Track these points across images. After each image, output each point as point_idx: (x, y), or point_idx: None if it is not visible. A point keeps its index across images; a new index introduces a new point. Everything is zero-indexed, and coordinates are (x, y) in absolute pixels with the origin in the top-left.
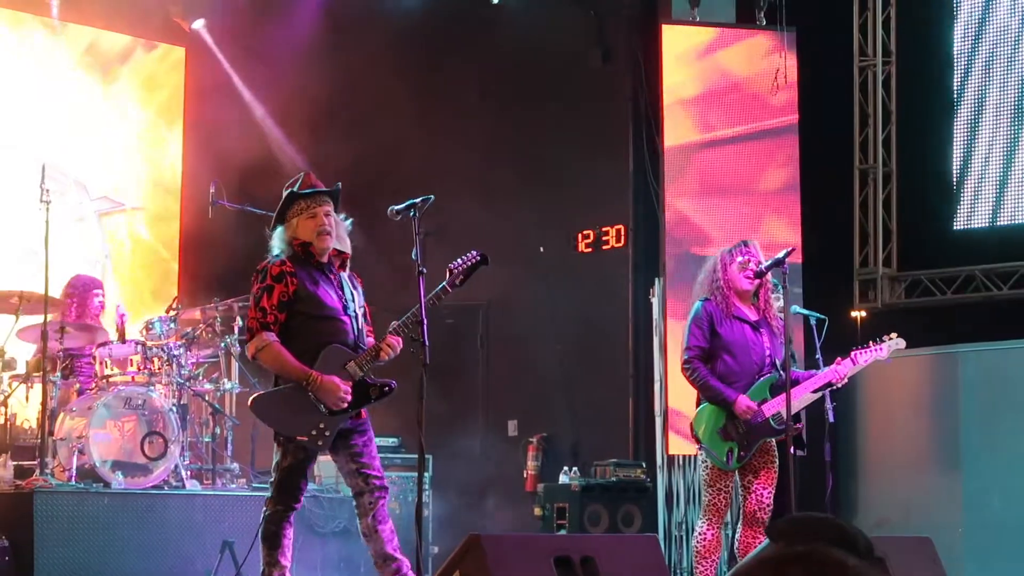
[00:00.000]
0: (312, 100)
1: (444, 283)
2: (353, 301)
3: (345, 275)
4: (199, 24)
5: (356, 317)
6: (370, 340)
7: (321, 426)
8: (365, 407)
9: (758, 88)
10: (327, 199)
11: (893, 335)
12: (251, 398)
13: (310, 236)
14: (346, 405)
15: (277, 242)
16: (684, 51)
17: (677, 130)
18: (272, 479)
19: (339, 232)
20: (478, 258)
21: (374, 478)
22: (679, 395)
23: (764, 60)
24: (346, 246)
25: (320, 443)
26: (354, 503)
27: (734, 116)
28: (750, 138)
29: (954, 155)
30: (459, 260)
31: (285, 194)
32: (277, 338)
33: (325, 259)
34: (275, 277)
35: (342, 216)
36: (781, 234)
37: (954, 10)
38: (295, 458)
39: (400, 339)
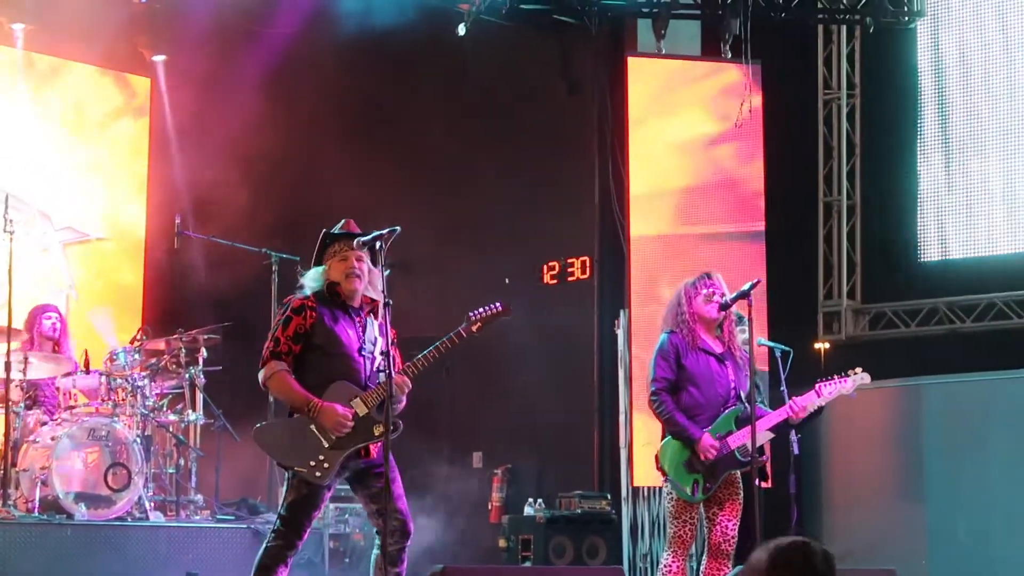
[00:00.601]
0: (275, 130)
1: (459, 328)
2: (373, 344)
3: (374, 321)
4: (161, 58)
5: (370, 359)
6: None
7: (321, 458)
8: (368, 443)
9: (723, 120)
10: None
11: (858, 370)
12: (255, 427)
13: (339, 278)
14: (345, 431)
15: (309, 280)
16: (649, 83)
17: (642, 161)
18: (279, 512)
19: (372, 280)
20: (500, 308)
21: (397, 520)
22: (644, 427)
23: (728, 93)
24: (377, 294)
25: (319, 475)
26: (376, 542)
27: (699, 148)
28: (715, 170)
29: (919, 188)
30: (481, 308)
31: (322, 235)
32: (287, 368)
33: (355, 302)
34: (295, 310)
35: (381, 266)
36: (745, 266)
37: (918, 43)
38: (298, 493)
39: (407, 379)
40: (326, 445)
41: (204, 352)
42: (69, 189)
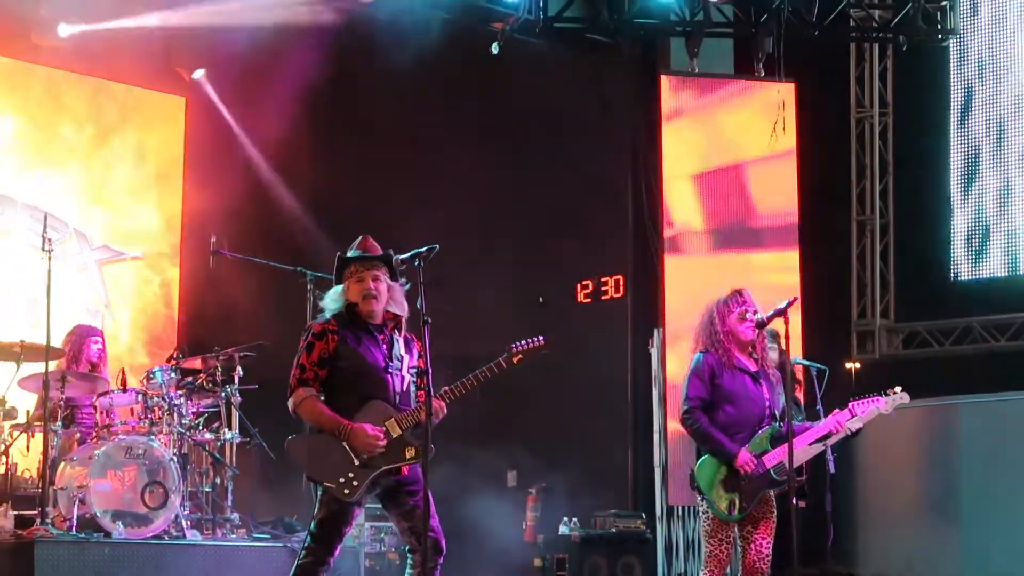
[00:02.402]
0: (312, 150)
1: (500, 358)
2: (400, 361)
3: (399, 336)
4: (199, 74)
5: (398, 376)
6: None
7: (351, 475)
8: (400, 464)
9: (756, 139)
10: (379, 264)
11: (897, 389)
12: (288, 439)
13: (357, 299)
14: (378, 452)
15: (329, 302)
16: (683, 101)
17: (676, 181)
18: (309, 529)
19: (394, 296)
20: (541, 342)
21: (430, 539)
22: (679, 446)
23: (762, 111)
24: (402, 309)
25: (347, 492)
26: (409, 560)
27: (733, 167)
28: (749, 188)
29: (952, 206)
30: (523, 341)
31: (337, 257)
32: (316, 393)
33: (376, 320)
34: (316, 335)
35: (402, 280)
36: (779, 284)
37: (950, 61)
38: (329, 510)
39: (444, 403)
40: (356, 463)
41: (240, 371)
42: (105, 208)
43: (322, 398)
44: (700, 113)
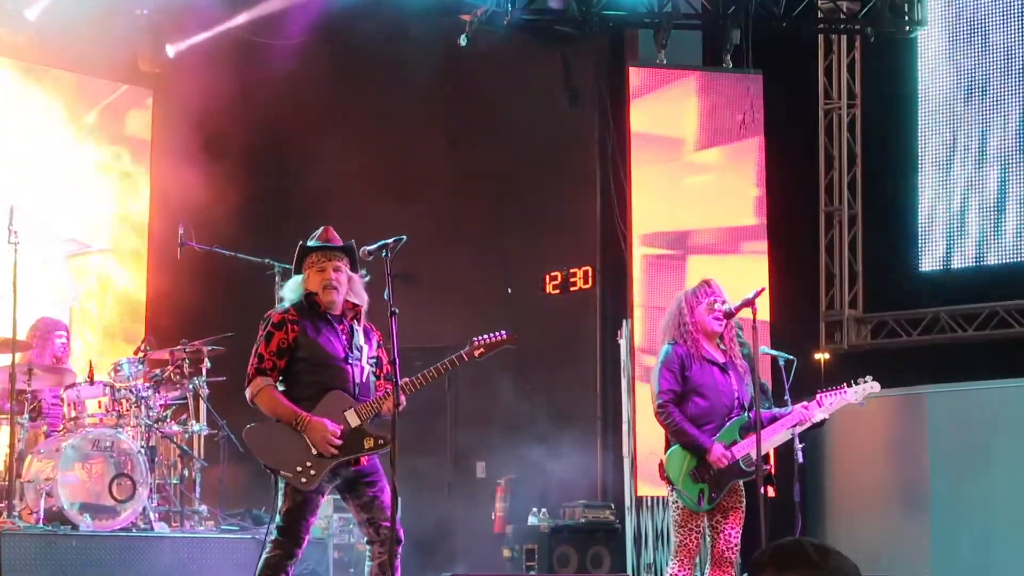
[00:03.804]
0: (280, 139)
1: (461, 351)
2: (360, 351)
3: (359, 326)
4: (171, 50)
5: (358, 366)
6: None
7: (308, 464)
8: (358, 455)
9: (724, 130)
10: (340, 254)
11: (868, 378)
12: (246, 428)
13: (317, 289)
14: (335, 451)
15: (288, 291)
16: (651, 92)
17: (644, 172)
18: (273, 523)
19: (353, 287)
20: (504, 336)
21: (386, 528)
22: (648, 436)
23: (729, 103)
24: (361, 299)
25: (304, 481)
26: (368, 552)
27: (701, 158)
28: (717, 179)
29: (919, 197)
30: (486, 335)
31: (299, 246)
32: (273, 383)
33: (336, 311)
34: (275, 324)
35: (363, 272)
36: (747, 275)
37: (918, 53)
38: (293, 501)
39: (404, 395)
40: (314, 452)
41: (207, 363)
42: (72, 201)
43: (281, 388)
44: (668, 105)
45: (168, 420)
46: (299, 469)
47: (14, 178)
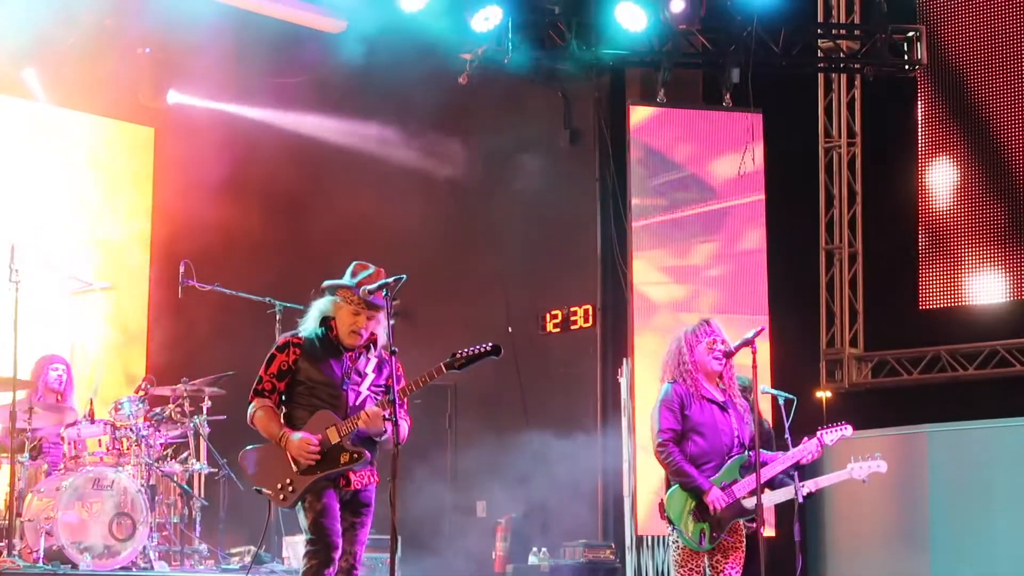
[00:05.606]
0: (279, 180)
1: (440, 363)
2: (360, 376)
3: (372, 355)
4: (173, 97)
5: (354, 391)
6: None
7: (288, 481)
8: (336, 471)
9: (725, 168)
10: (381, 308)
11: (877, 454)
12: (241, 450)
13: (343, 328)
14: (311, 462)
15: (310, 320)
16: (652, 131)
17: (645, 210)
18: (305, 537)
19: (377, 323)
20: (488, 348)
21: (346, 561)
22: (648, 475)
23: (731, 141)
24: (381, 331)
25: (282, 498)
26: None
27: (701, 196)
28: (718, 217)
29: (919, 235)
30: (468, 348)
31: (351, 281)
32: (271, 404)
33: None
34: (279, 348)
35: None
36: (748, 314)
37: (918, 92)
38: (314, 511)
39: (379, 410)
40: (295, 469)
41: (208, 401)
42: (74, 238)
43: (283, 410)
44: (668, 144)
45: (168, 459)
46: (279, 486)
47: (15, 215)
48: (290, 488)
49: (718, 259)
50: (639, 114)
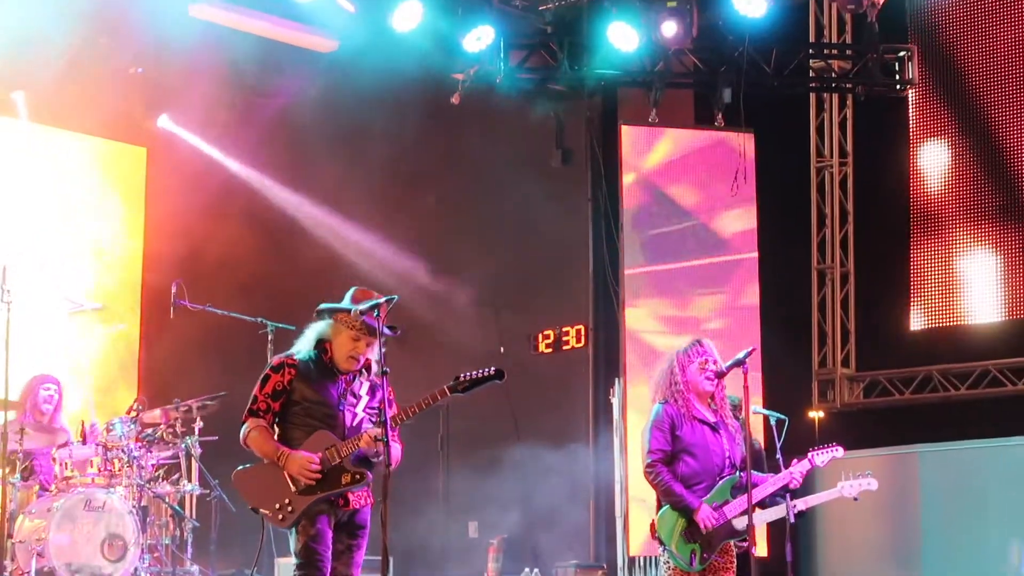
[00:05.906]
0: (271, 199)
1: (444, 385)
2: (356, 397)
3: (364, 379)
4: (164, 121)
5: (350, 412)
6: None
7: (286, 501)
8: (336, 491)
9: (717, 188)
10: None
11: (867, 472)
12: (235, 470)
13: (341, 353)
14: (312, 481)
15: (305, 342)
16: (644, 152)
17: (636, 230)
18: (294, 561)
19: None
20: (491, 372)
21: None
22: (641, 496)
23: (722, 161)
24: (375, 355)
25: (281, 518)
26: None
27: (693, 216)
28: (709, 237)
29: (911, 255)
30: (473, 371)
31: (354, 308)
32: (265, 424)
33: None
34: (274, 368)
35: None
36: (739, 334)
37: (910, 112)
38: (306, 535)
39: (379, 431)
40: (293, 489)
41: (200, 422)
42: (66, 259)
43: (276, 431)
44: (660, 164)
45: (160, 480)
46: (277, 506)
47: (7, 236)
48: (289, 508)
49: (709, 279)
50: (631, 134)
